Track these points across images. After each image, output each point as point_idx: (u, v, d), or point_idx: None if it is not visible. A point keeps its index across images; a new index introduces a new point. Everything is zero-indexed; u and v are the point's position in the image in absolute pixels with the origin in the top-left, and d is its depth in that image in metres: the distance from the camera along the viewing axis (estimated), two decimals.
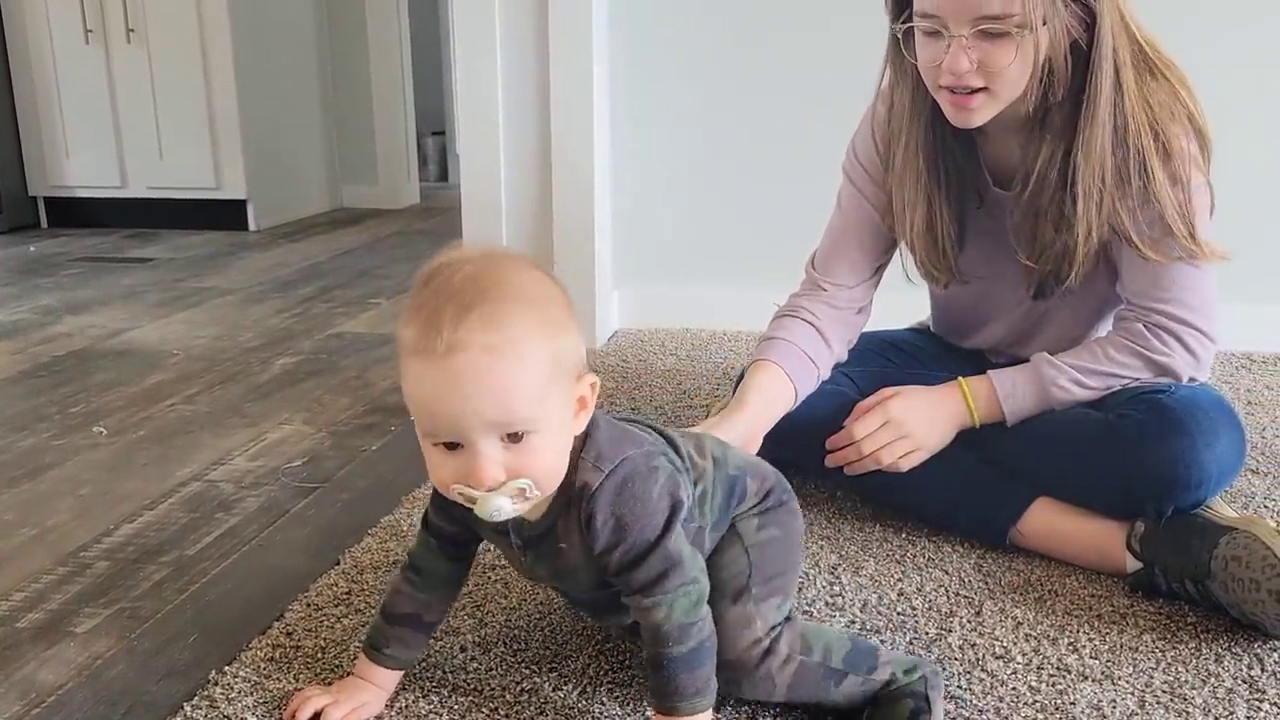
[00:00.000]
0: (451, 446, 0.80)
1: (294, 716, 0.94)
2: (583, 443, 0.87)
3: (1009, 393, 1.26)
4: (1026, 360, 1.29)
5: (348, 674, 0.99)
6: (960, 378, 1.29)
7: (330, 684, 0.99)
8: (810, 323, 1.33)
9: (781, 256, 1.47)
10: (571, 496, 0.86)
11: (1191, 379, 1.24)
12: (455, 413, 0.78)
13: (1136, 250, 1.19)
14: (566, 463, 0.85)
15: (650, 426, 0.96)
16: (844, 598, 1.17)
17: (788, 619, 0.96)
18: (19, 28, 3.72)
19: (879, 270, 1.40)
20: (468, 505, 0.82)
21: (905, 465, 1.26)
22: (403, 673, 0.99)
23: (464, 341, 0.76)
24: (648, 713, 0.96)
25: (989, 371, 1.29)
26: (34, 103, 3.78)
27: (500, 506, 0.81)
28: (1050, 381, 1.25)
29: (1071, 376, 1.25)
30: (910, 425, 1.25)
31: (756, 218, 2.23)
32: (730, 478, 0.98)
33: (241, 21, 3.71)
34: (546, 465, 0.82)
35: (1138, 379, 1.24)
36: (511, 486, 0.80)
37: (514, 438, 0.79)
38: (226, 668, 1.04)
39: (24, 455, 1.67)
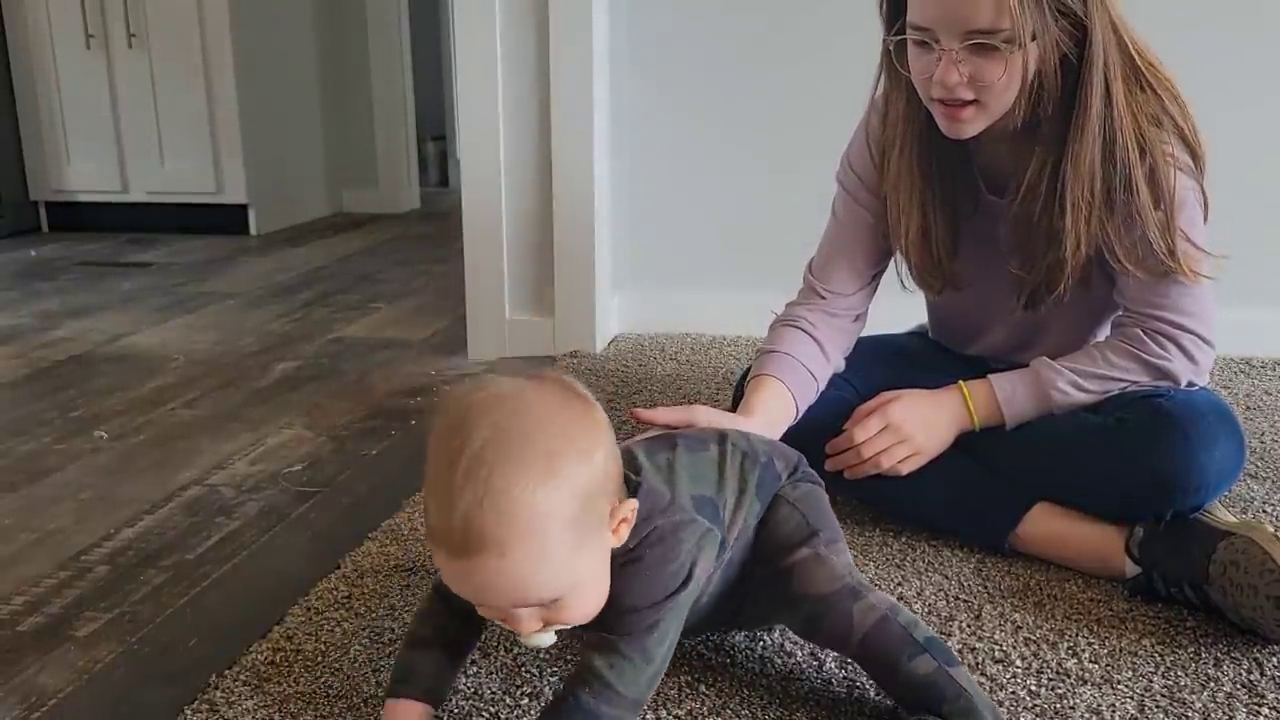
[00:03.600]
0: None
1: None
2: None
3: (1008, 396, 1.27)
4: (1027, 364, 1.30)
5: None
6: (960, 381, 1.29)
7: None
8: (809, 334, 1.33)
9: (782, 261, 1.47)
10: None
11: (1190, 383, 1.24)
12: (483, 600, 0.80)
13: (1121, 267, 1.20)
14: (608, 587, 0.85)
15: (689, 453, 0.98)
16: None
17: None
18: (21, 33, 3.72)
19: (876, 277, 1.40)
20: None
21: (905, 469, 1.26)
22: (434, 712, 0.93)
23: (478, 543, 0.75)
24: (648, 715, 0.96)
25: (989, 375, 1.29)
26: (35, 107, 3.78)
27: (542, 641, 0.84)
28: (1049, 385, 1.25)
29: (1070, 380, 1.25)
30: (910, 429, 1.26)
31: (757, 222, 2.23)
32: (763, 466, 1.02)
33: (242, 26, 3.71)
34: (584, 610, 0.84)
35: (1136, 383, 1.25)
36: (551, 628, 0.83)
37: (550, 601, 0.80)
38: (226, 671, 1.04)
39: (24, 459, 1.68)
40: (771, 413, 1.26)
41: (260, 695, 1.00)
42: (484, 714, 0.97)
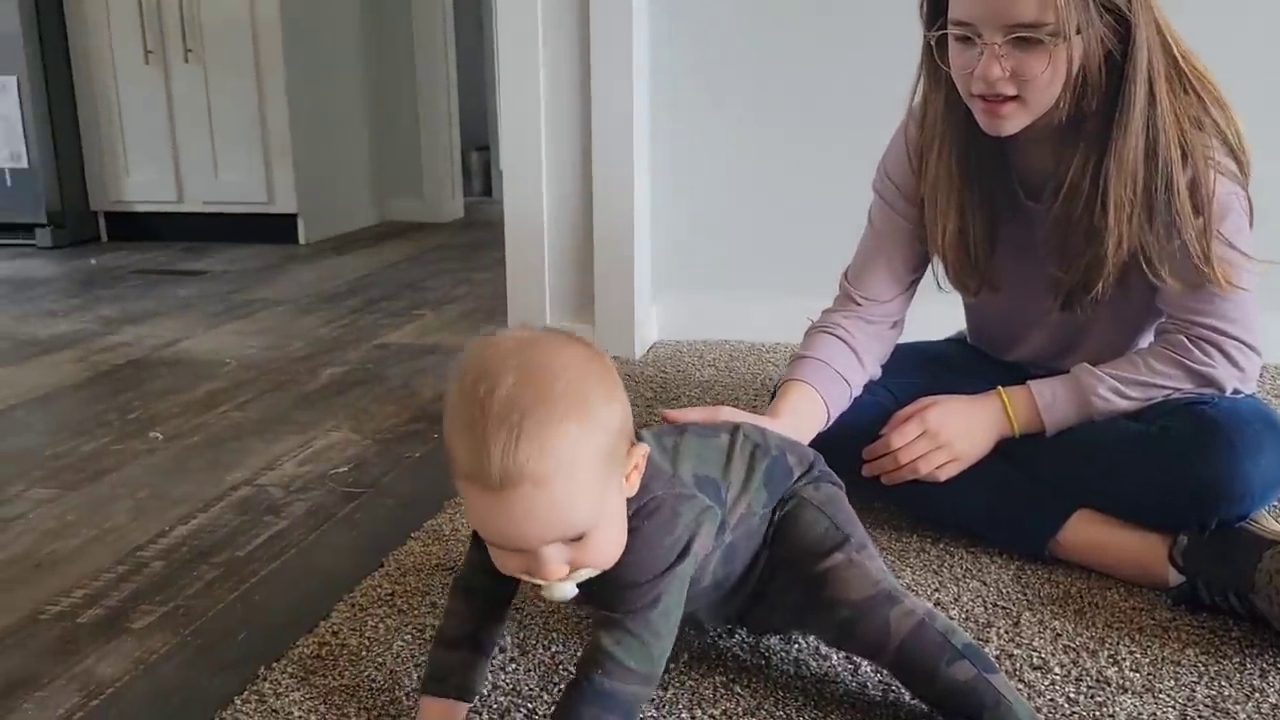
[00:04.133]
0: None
1: None
2: None
3: (1049, 403, 1.26)
4: (1067, 370, 1.29)
5: None
6: (1000, 387, 1.29)
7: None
8: (844, 340, 1.34)
9: (822, 268, 1.48)
10: None
11: (1236, 390, 1.23)
12: (516, 536, 0.81)
13: (1159, 277, 1.19)
14: (625, 533, 0.87)
15: (697, 437, 0.99)
16: None
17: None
18: (82, 49, 3.83)
19: (913, 285, 1.40)
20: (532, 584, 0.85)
21: (943, 475, 1.26)
22: (466, 710, 0.96)
23: (516, 475, 0.76)
24: (683, 714, 0.98)
25: (1029, 381, 1.29)
26: (96, 121, 3.89)
27: (566, 590, 0.85)
28: (1090, 391, 1.25)
29: (1112, 386, 1.24)
30: (948, 435, 1.26)
31: (796, 229, 2.24)
32: (774, 459, 1.03)
33: (293, 42, 3.79)
34: (607, 551, 0.85)
35: (1180, 390, 1.24)
36: (576, 573, 0.84)
37: (576, 539, 0.82)
38: (275, 664, 1.07)
39: (85, 459, 1.73)
40: (799, 416, 1.26)
41: (306, 687, 1.03)
42: (522, 710, 0.99)
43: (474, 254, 3.69)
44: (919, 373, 1.42)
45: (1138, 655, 1.07)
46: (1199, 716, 0.97)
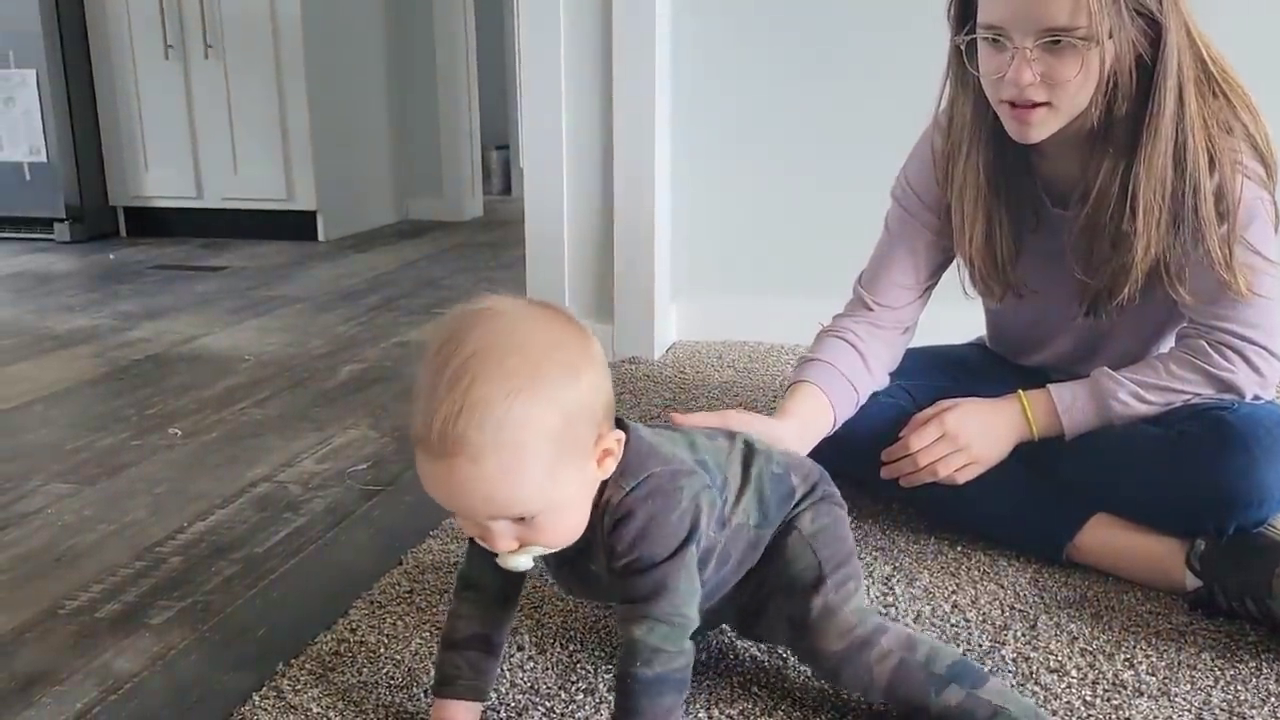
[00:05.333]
0: None
1: None
2: None
3: (1068, 406, 1.26)
4: (1087, 377, 1.29)
5: None
6: (1020, 390, 1.28)
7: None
8: (853, 345, 1.33)
9: (840, 270, 1.47)
10: (596, 507, 0.87)
11: (1256, 396, 1.22)
12: (456, 506, 0.80)
13: (1181, 283, 1.19)
14: (587, 517, 0.85)
15: (688, 433, 0.97)
16: (897, 608, 1.18)
17: (883, 620, 0.96)
18: (103, 44, 3.85)
19: (926, 292, 1.40)
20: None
21: (962, 478, 1.26)
22: (483, 707, 0.96)
23: (454, 446, 0.75)
24: (700, 714, 0.98)
25: (1049, 384, 1.28)
26: (115, 116, 3.91)
27: (519, 562, 0.84)
28: (1110, 395, 1.24)
29: (1131, 391, 1.24)
30: (967, 438, 1.25)
31: (816, 231, 2.24)
32: (775, 477, 0.99)
33: (314, 38, 3.80)
34: (560, 534, 0.84)
35: (1199, 395, 1.23)
36: (529, 547, 0.83)
37: (521, 519, 0.81)
38: (293, 661, 1.08)
39: (104, 454, 1.74)
40: (805, 417, 1.26)
41: (324, 684, 1.03)
42: (540, 708, 0.99)
43: (494, 252, 3.70)
44: (939, 376, 1.42)
45: (1154, 659, 1.07)
46: None
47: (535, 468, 0.77)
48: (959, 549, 1.32)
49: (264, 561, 1.34)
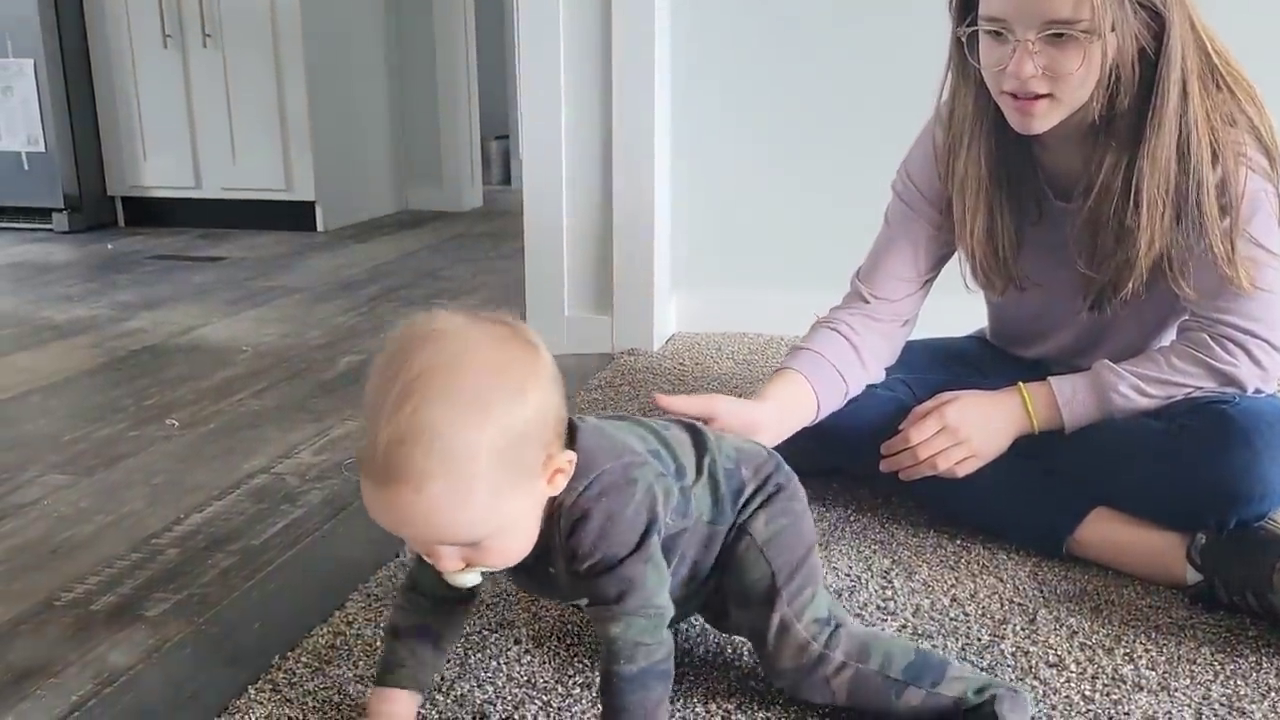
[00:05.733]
0: None
1: None
2: None
3: (1068, 399, 1.25)
4: (1088, 368, 1.28)
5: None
6: (1020, 383, 1.28)
7: None
8: (845, 337, 1.33)
9: (842, 262, 1.46)
10: (550, 514, 0.85)
11: (1258, 390, 1.22)
12: (401, 532, 0.79)
13: (1184, 276, 1.18)
14: (535, 534, 0.83)
15: (643, 423, 0.95)
16: (896, 602, 1.17)
17: (839, 626, 0.94)
18: (101, 32, 3.84)
19: (925, 285, 1.39)
20: None
21: (961, 471, 1.26)
22: (419, 700, 0.94)
23: (400, 472, 0.73)
24: (698, 708, 0.97)
25: (1049, 378, 1.28)
26: (114, 105, 3.90)
27: (466, 580, 0.83)
28: (1110, 388, 1.24)
29: (1132, 384, 1.23)
30: (967, 431, 1.25)
31: (816, 223, 2.23)
32: (726, 472, 0.96)
33: (313, 28, 3.79)
34: (508, 554, 0.82)
35: (1201, 388, 1.22)
36: (476, 568, 0.82)
37: (468, 544, 0.79)
38: (289, 653, 1.07)
39: (101, 445, 1.73)
40: (784, 403, 1.25)
41: (321, 677, 1.03)
42: (537, 702, 0.99)
43: (494, 243, 3.69)
44: (938, 369, 1.42)
45: (1154, 653, 1.06)
46: (1214, 715, 0.96)
47: (481, 494, 0.76)
48: (958, 542, 1.31)
49: (261, 554, 1.33)
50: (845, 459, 1.43)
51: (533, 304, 2.23)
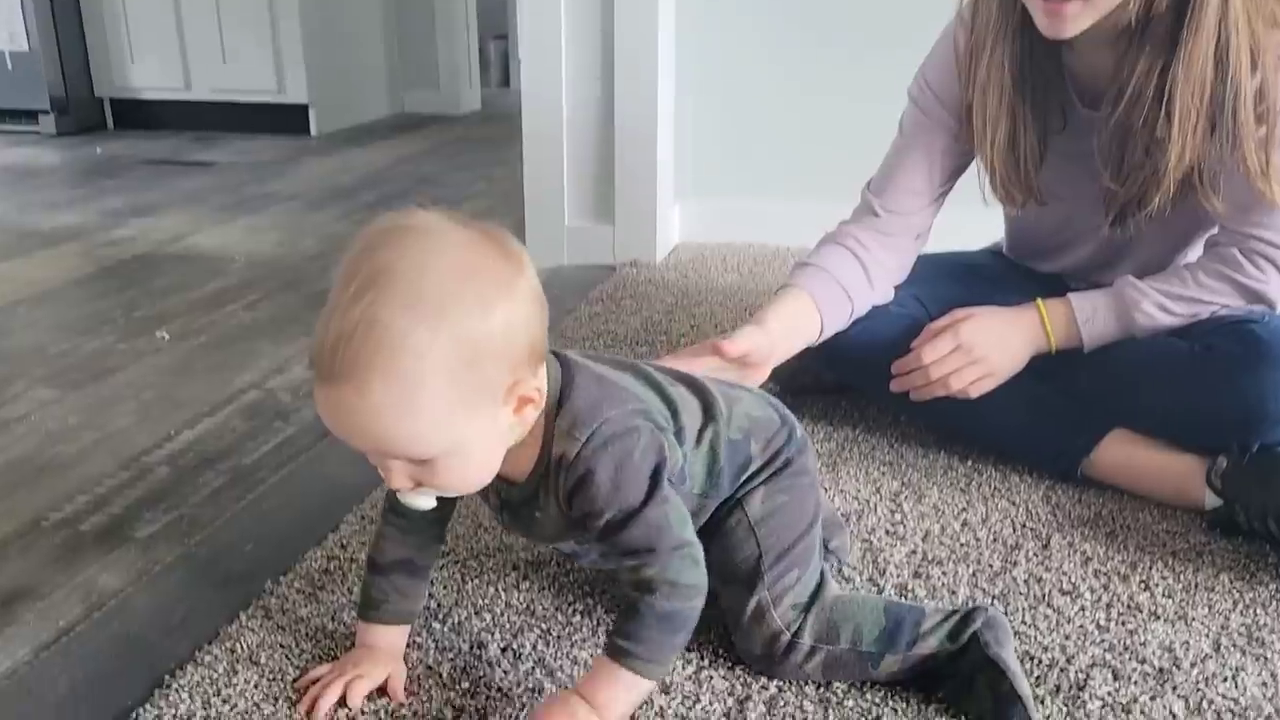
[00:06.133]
0: None
1: (314, 708, 0.85)
2: (557, 406, 0.79)
3: (1088, 316, 1.20)
4: (1109, 284, 1.23)
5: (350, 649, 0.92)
6: (1038, 300, 1.23)
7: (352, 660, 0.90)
8: (854, 253, 1.27)
9: (852, 171, 1.40)
10: (549, 466, 0.80)
11: None
12: (345, 438, 0.73)
13: (1214, 190, 1.12)
14: (494, 465, 0.78)
15: (646, 374, 0.88)
16: (905, 526, 1.14)
17: (813, 599, 0.89)
18: None
19: (940, 197, 1.32)
20: None
21: (975, 392, 1.21)
22: (408, 630, 0.92)
23: (340, 373, 0.69)
24: (706, 674, 0.95)
25: (1069, 294, 1.23)
26: (99, 4, 3.76)
27: (415, 503, 0.78)
28: (1133, 306, 1.19)
29: (1156, 301, 1.19)
30: (983, 349, 1.20)
31: (826, 130, 2.15)
32: (732, 445, 0.89)
33: None
34: (461, 480, 0.77)
35: (1227, 306, 1.18)
36: (425, 489, 0.77)
37: (416, 461, 0.74)
38: (282, 578, 1.04)
39: (89, 358, 1.69)
40: (787, 323, 1.19)
41: (314, 603, 1.00)
42: (536, 629, 0.96)
43: (491, 148, 3.59)
44: (952, 284, 1.36)
45: (1170, 581, 1.04)
46: (1233, 645, 0.94)
47: (430, 407, 0.70)
48: (969, 464, 1.28)
49: (253, 473, 1.30)
50: (854, 377, 1.38)
51: (531, 213, 2.17)
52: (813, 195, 2.00)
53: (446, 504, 0.89)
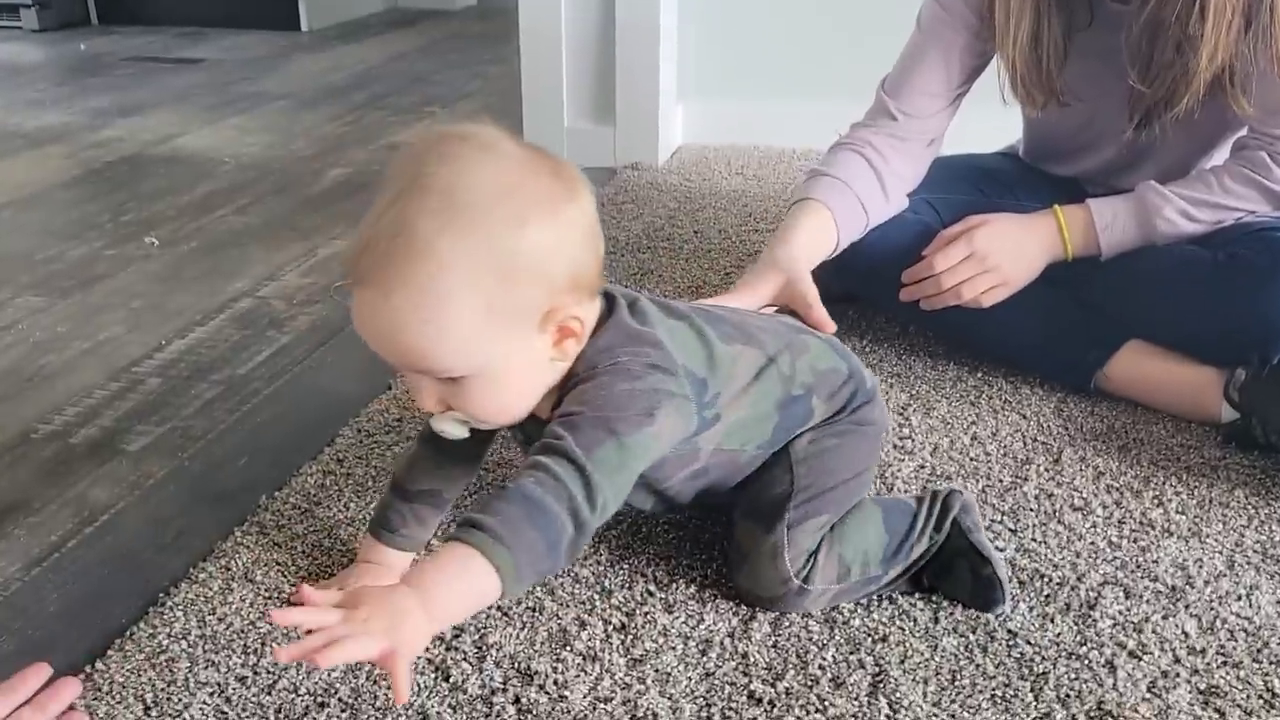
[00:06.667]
0: None
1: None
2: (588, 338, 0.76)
3: (1108, 223, 1.16)
4: (1129, 189, 1.19)
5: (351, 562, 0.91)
6: (1056, 205, 1.18)
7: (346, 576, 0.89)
8: (870, 161, 1.21)
9: (861, 70, 1.34)
10: (564, 390, 0.76)
11: None
12: (373, 344, 0.71)
13: (1237, 98, 1.07)
14: (530, 397, 0.75)
15: (704, 333, 0.83)
16: (913, 440, 1.12)
17: (824, 539, 0.85)
18: None
19: (957, 99, 1.26)
20: None
21: (988, 301, 1.18)
22: (414, 556, 0.89)
23: (366, 272, 0.68)
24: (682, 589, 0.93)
25: (1088, 200, 1.18)
26: None
27: (446, 429, 0.75)
28: (1155, 212, 1.15)
29: (1179, 208, 1.14)
30: (997, 257, 1.16)
31: (835, 26, 2.07)
32: (792, 400, 0.86)
33: None
34: (491, 408, 0.74)
35: (1253, 213, 1.13)
36: (453, 414, 0.74)
37: (445, 379, 0.71)
38: (276, 494, 1.02)
39: (76, 265, 1.65)
40: (813, 240, 1.16)
41: (310, 520, 0.98)
42: None
43: (489, 45, 3.48)
44: (967, 188, 1.32)
45: (1184, 496, 1.02)
46: (1247, 563, 0.92)
47: (455, 318, 0.68)
48: (979, 376, 1.25)
49: (246, 384, 1.27)
50: (863, 286, 1.34)
51: (530, 114, 2.10)
52: (820, 96, 1.93)
53: (483, 438, 0.86)
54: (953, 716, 0.76)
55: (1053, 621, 0.85)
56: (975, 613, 0.86)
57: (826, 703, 0.77)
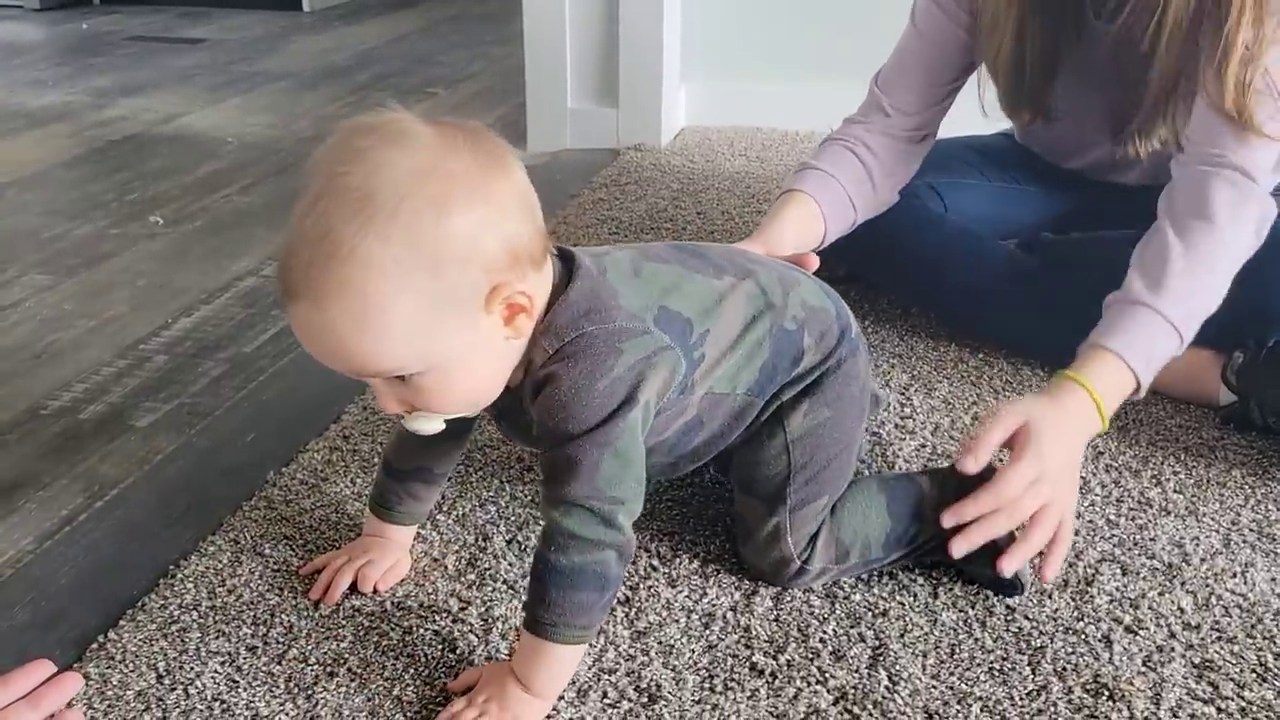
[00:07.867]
0: None
1: (329, 589, 0.85)
2: (547, 309, 0.74)
3: (1144, 368, 0.96)
4: (1125, 183, 1.20)
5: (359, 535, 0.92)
6: (1078, 378, 0.94)
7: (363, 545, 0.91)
8: (859, 157, 1.19)
9: (859, 53, 1.35)
10: (519, 372, 0.76)
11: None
12: (318, 357, 0.69)
13: (1180, 114, 1.07)
14: (492, 380, 0.74)
15: (692, 267, 0.82)
16: (915, 420, 1.13)
17: (823, 522, 0.86)
18: None
19: (951, 94, 1.24)
20: None
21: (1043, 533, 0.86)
22: (416, 526, 0.91)
23: (294, 287, 0.65)
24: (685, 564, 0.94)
25: (1105, 378, 0.95)
26: None
27: (419, 427, 0.74)
28: (1168, 343, 0.98)
29: (1184, 314, 0.98)
30: (1053, 477, 0.86)
31: (836, 10, 2.07)
32: (785, 334, 0.84)
33: None
34: (452, 399, 0.72)
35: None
36: (420, 412, 0.73)
37: (397, 379, 0.70)
38: (284, 469, 1.03)
39: (82, 243, 1.66)
40: (800, 232, 1.13)
41: (317, 495, 0.99)
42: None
43: (492, 26, 3.47)
44: (966, 170, 1.32)
45: (1182, 476, 1.03)
46: (1243, 541, 0.93)
47: (391, 319, 0.65)
48: (980, 357, 1.26)
49: (252, 361, 1.28)
50: (864, 267, 1.35)
51: (533, 95, 2.10)
52: (823, 78, 1.94)
53: (465, 421, 0.85)
54: (951, 688, 0.77)
55: (1050, 597, 0.86)
56: (974, 588, 0.87)
57: (827, 674, 0.78)
